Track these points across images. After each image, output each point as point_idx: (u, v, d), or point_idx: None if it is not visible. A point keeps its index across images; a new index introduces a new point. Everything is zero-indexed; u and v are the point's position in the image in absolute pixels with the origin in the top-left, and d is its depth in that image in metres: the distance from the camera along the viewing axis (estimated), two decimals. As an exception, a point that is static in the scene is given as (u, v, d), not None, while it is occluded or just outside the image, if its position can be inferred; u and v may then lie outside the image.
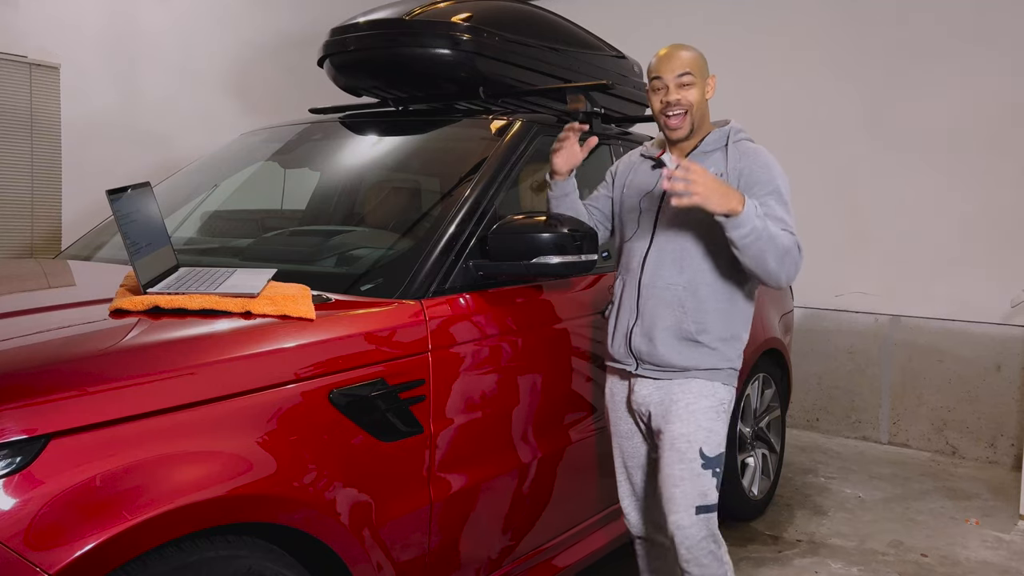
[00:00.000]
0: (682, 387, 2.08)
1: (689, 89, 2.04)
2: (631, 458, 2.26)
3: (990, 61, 4.59)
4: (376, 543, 1.76)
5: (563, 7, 3.96)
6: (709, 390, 2.08)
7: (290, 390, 1.63)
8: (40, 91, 3.98)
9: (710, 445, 2.06)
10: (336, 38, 2.88)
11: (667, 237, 2.08)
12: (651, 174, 2.17)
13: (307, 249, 2.50)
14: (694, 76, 2.04)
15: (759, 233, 1.87)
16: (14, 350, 1.45)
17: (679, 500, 2.04)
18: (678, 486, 2.04)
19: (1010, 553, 3.38)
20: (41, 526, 1.24)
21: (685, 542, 2.04)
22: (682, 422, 2.06)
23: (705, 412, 2.07)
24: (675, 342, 2.06)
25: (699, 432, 2.06)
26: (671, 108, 2.05)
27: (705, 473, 2.05)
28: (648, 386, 2.13)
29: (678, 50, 2.07)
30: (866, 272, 5.04)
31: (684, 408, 2.06)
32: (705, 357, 2.07)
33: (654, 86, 2.08)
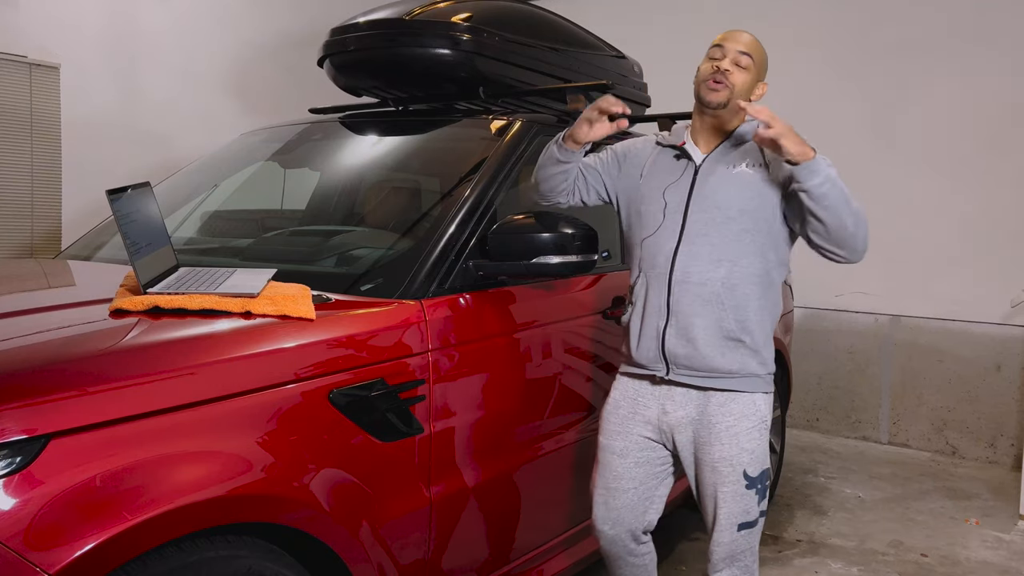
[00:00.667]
0: (722, 407, 1.96)
1: (743, 72, 1.94)
2: (616, 479, 2.08)
3: (990, 61, 4.59)
4: (376, 543, 1.76)
5: (563, 7, 3.96)
6: (751, 408, 1.97)
7: (290, 390, 1.63)
8: (40, 91, 3.97)
9: (753, 465, 1.97)
10: (336, 38, 2.88)
11: (699, 231, 1.95)
12: (675, 165, 2.03)
13: (307, 249, 2.50)
14: (752, 62, 1.95)
15: (834, 182, 1.80)
16: (14, 350, 1.45)
17: (722, 521, 1.98)
18: (721, 508, 1.98)
19: (1010, 553, 3.38)
20: (41, 526, 1.24)
21: (723, 555, 2.00)
22: (723, 445, 1.96)
23: (748, 433, 1.96)
24: (717, 341, 1.94)
25: (742, 455, 1.96)
26: (719, 76, 1.92)
27: (748, 493, 1.97)
28: (684, 404, 2.00)
29: (748, 34, 1.99)
30: (866, 272, 5.02)
31: (725, 431, 1.95)
32: (748, 360, 1.96)
33: (712, 54, 1.96)
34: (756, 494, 1.98)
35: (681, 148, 2.04)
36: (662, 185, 2.03)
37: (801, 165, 1.78)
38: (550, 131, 2.63)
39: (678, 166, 2.04)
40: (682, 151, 2.04)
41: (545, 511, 2.38)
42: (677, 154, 2.05)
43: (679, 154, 2.05)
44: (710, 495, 2.00)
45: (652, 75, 3.82)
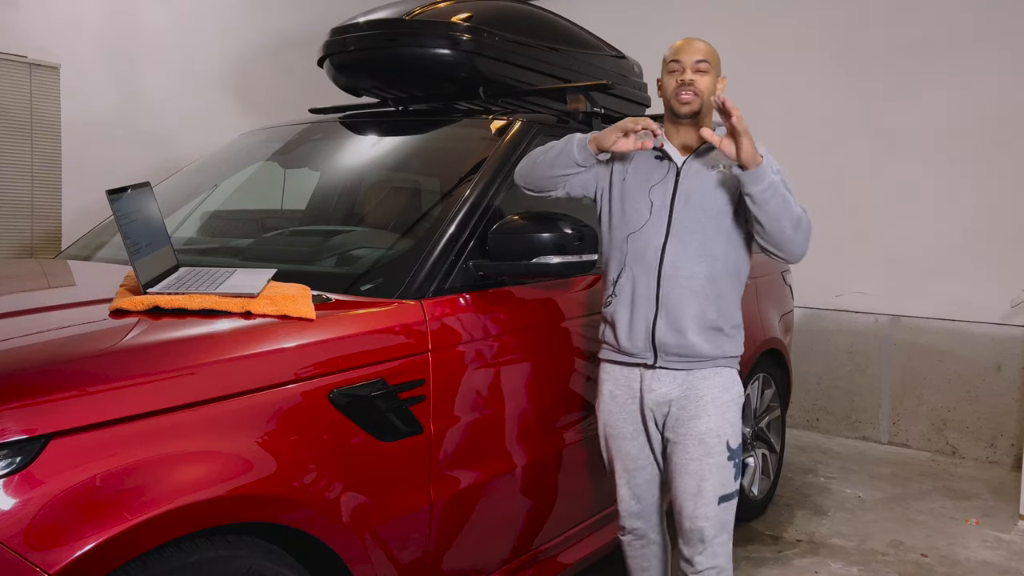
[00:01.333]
0: (706, 381, 2.10)
1: (704, 76, 2.08)
2: (633, 460, 2.20)
3: (990, 61, 4.59)
4: (376, 543, 1.76)
5: (563, 7, 3.96)
6: (731, 383, 2.13)
7: (290, 390, 1.63)
8: (40, 91, 3.97)
9: (735, 437, 2.12)
10: (336, 38, 2.88)
11: (686, 229, 2.07)
12: (657, 166, 2.13)
13: (307, 249, 2.50)
14: (710, 65, 2.08)
15: (776, 189, 1.95)
16: (14, 350, 1.45)
17: (707, 493, 2.07)
18: (706, 480, 2.07)
19: (1010, 553, 3.38)
20: (41, 526, 1.24)
21: (708, 530, 2.08)
22: (710, 417, 2.08)
23: (729, 406, 2.11)
24: (703, 330, 2.07)
25: (726, 426, 2.10)
26: (685, 87, 2.06)
27: (729, 464, 2.10)
28: (667, 382, 2.11)
29: (696, 40, 2.12)
30: (866, 272, 5.04)
31: (711, 403, 2.08)
32: (727, 344, 2.12)
33: (670, 68, 2.11)
34: (734, 467, 2.11)
35: (661, 150, 2.15)
36: (647, 184, 2.13)
37: (749, 170, 1.94)
38: (550, 131, 2.64)
39: (661, 167, 2.14)
40: (663, 152, 2.14)
41: (545, 511, 2.38)
42: (658, 155, 2.15)
43: (660, 155, 2.15)
44: (693, 470, 2.08)
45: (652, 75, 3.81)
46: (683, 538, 2.12)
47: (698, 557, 2.09)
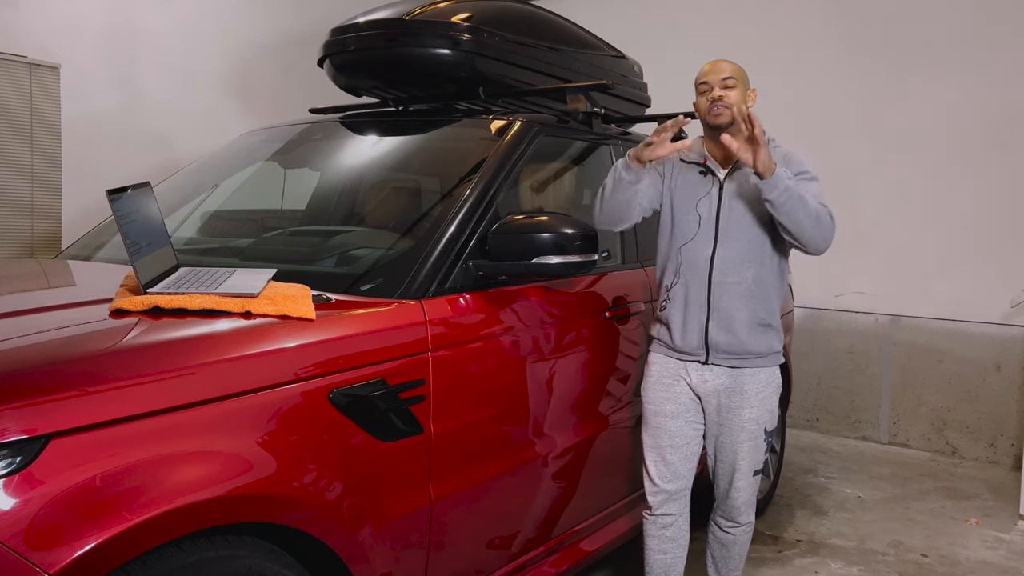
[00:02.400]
0: (753, 376, 2.35)
1: (731, 90, 2.28)
2: (671, 437, 2.40)
3: (991, 61, 4.59)
4: (376, 543, 1.76)
5: (563, 7, 3.96)
6: (774, 376, 2.40)
7: (290, 390, 1.63)
8: (40, 91, 3.97)
9: (772, 422, 2.41)
10: (336, 38, 2.88)
11: (732, 237, 2.29)
12: (702, 180, 2.35)
13: (307, 249, 2.50)
14: (736, 80, 2.30)
15: (791, 192, 2.14)
16: (14, 350, 1.45)
17: (744, 469, 2.39)
18: (745, 459, 2.38)
19: (1010, 553, 3.38)
20: (41, 526, 1.24)
21: (743, 498, 2.43)
22: (752, 408, 2.35)
23: (771, 397, 2.39)
24: (753, 329, 2.32)
25: (765, 415, 2.37)
26: (716, 103, 2.27)
27: (763, 445, 2.41)
28: (720, 375, 2.35)
29: (722, 60, 2.35)
30: (866, 272, 5.04)
31: (755, 396, 2.35)
32: (773, 340, 2.37)
33: (701, 89, 2.31)
34: (766, 443, 2.43)
35: (705, 165, 2.36)
36: (694, 198, 2.35)
37: (765, 179, 2.14)
38: (550, 131, 2.64)
39: (705, 181, 2.36)
40: (706, 167, 2.36)
41: (545, 510, 2.38)
42: (702, 171, 2.37)
43: (704, 171, 2.36)
44: (733, 451, 2.39)
45: (652, 75, 3.82)
46: (723, 503, 2.47)
47: (739, 517, 2.46)
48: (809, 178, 2.31)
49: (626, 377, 2.72)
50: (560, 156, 2.89)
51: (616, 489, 2.74)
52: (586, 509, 2.59)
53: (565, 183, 2.99)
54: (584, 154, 2.96)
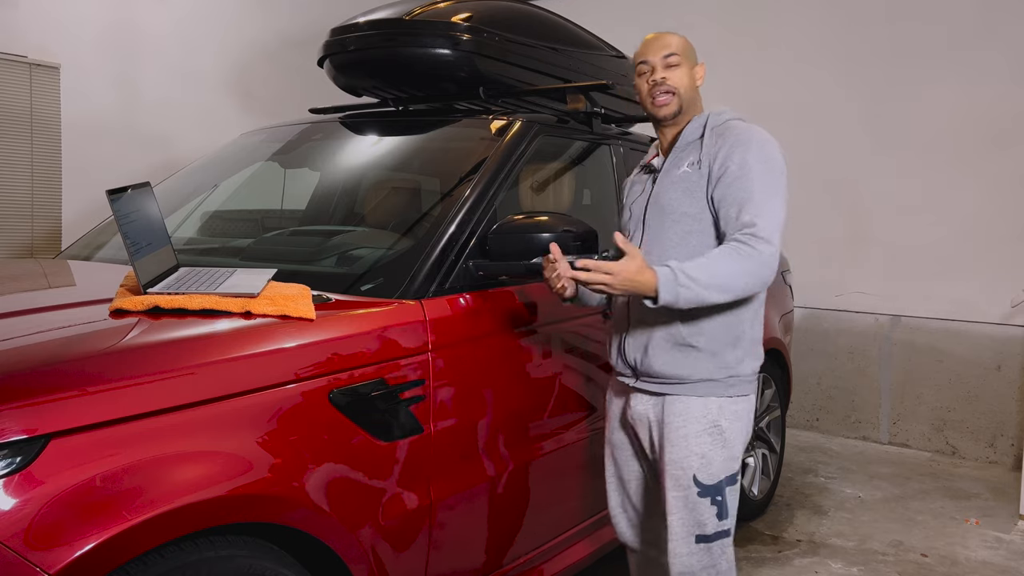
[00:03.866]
0: (672, 407, 1.95)
1: (675, 70, 1.95)
2: (623, 469, 2.16)
3: (990, 61, 4.59)
4: (375, 543, 1.76)
5: (563, 7, 3.96)
6: (700, 411, 1.92)
7: (290, 390, 1.63)
8: (40, 91, 3.98)
9: (705, 472, 1.91)
10: (336, 38, 2.88)
11: (652, 238, 1.97)
12: (645, 179, 2.09)
13: (307, 249, 2.50)
14: (680, 57, 1.95)
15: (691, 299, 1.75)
16: (14, 350, 1.45)
17: (675, 528, 1.93)
18: (673, 514, 1.94)
19: (1010, 553, 3.38)
20: (41, 526, 1.24)
21: (683, 571, 1.93)
22: (673, 447, 1.93)
23: (697, 437, 1.92)
24: (668, 348, 1.93)
25: (690, 458, 1.92)
26: (657, 88, 1.95)
27: (702, 502, 1.91)
28: (644, 401, 2.01)
29: (664, 34, 2.00)
30: (866, 272, 5.04)
31: (675, 432, 1.93)
32: (700, 364, 1.92)
33: (640, 70, 1.99)
34: (712, 505, 1.90)
35: (649, 164, 2.10)
36: (632, 200, 2.11)
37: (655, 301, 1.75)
38: (550, 131, 2.64)
39: (645, 179, 2.10)
40: (649, 166, 2.10)
41: (545, 511, 2.38)
42: (648, 168, 2.11)
43: (648, 169, 2.11)
44: (664, 501, 1.97)
45: (652, 75, 3.81)
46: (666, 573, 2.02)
47: None
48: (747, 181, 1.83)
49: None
50: (560, 156, 2.89)
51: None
52: (590, 506, 2.59)
53: (565, 183, 2.99)
54: (584, 154, 2.96)
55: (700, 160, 1.93)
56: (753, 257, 1.77)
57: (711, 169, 1.91)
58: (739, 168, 1.86)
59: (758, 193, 1.83)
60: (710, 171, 1.91)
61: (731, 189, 1.86)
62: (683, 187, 1.94)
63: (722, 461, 1.93)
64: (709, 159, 1.92)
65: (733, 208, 1.84)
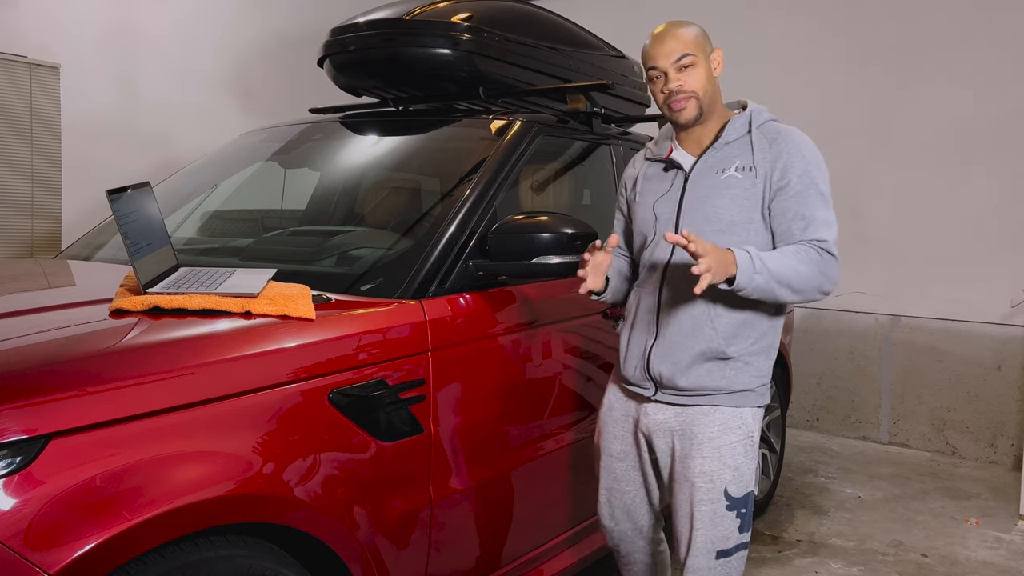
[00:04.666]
0: (706, 416, 1.85)
1: (690, 71, 1.83)
2: (618, 481, 2.05)
3: (991, 61, 4.59)
4: (375, 543, 1.76)
5: (563, 7, 3.96)
6: (737, 421, 1.85)
7: (290, 390, 1.63)
8: (40, 91, 3.98)
9: (737, 485, 1.84)
10: (336, 38, 2.88)
11: None
12: (664, 176, 1.95)
13: (307, 249, 2.50)
14: (695, 56, 1.83)
15: (762, 287, 1.71)
16: (14, 350, 1.45)
17: (698, 544, 1.85)
18: (698, 529, 1.84)
19: (1010, 553, 3.38)
20: (41, 526, 1.24)
21: None
22: (705, 459, 1.83)
23: (732, 448, 1.84)
24: (702, 363, 1.84)
25: (725, 471, 1.83)
26: (674, 96, 1.84)
27: (729, 515, 1.84)
28: (665, 410, 1.91)
29: (672, 29, 1.87)
30: (866, 272, 5.04)
31: (708, 443, 1.84)
32: (738, 375, 1.85)
33: (651, 75, 1.88)
34: (737, 518, 1.85)
35: (669, 158, 1.95)
36: (652, 198, 1.95)
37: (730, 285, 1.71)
38: (550, 131, 2.64)
39: (667, 176, 1.95)
40: (670, 160, 1.95)
41: (545, 511, 2.38)
42: (666, 165, 1.97)
43: (667, 165, 1.97)
44: (686, 514, 1.87)
45: (652, 75, 3.81)
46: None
47: None
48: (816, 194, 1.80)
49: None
50: (560, 156, 2.89)
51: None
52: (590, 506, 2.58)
53: (565, 183, 2.99)
54: (584, 154, 2.96)
55: (754, 166, 1.83)
56: (824, 265, 1.78)
57: (769, 178, 1.83)
58: (801, 181, 1.81)
59: (822, 209, 1.82)
60: (768, 180, 1.83)
61: (794, 203, 1.81)
62: (732, 194, 1.84)
63: (750, 472, 1.88)
64: (766, 167, 1.83)
65: (798, 222, 1.80)
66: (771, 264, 1.72)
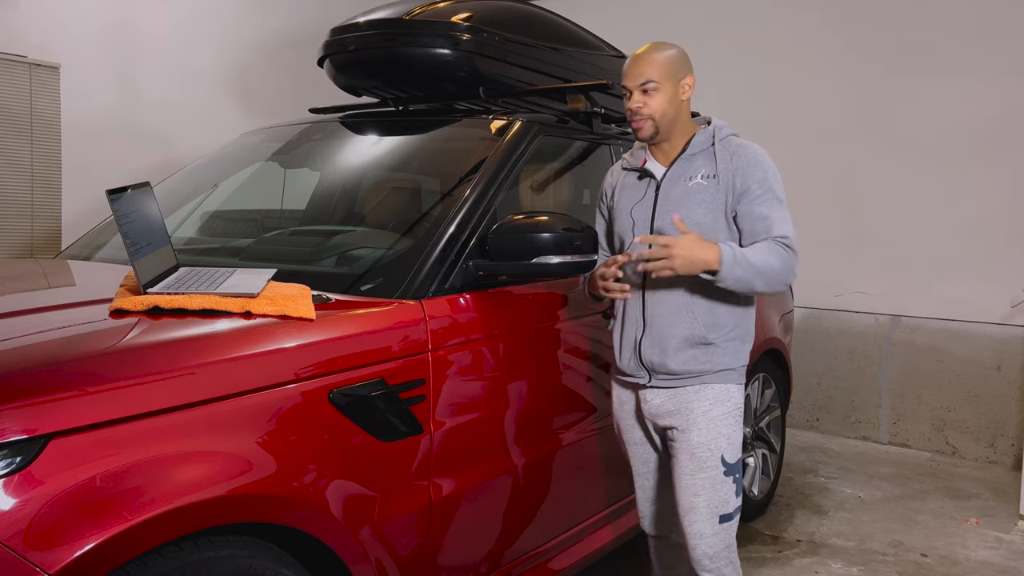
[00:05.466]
0: (697, 394, 2.06)
1: (652, 95, 2.03)
2: (643, 463, 2.26)
3: (991, 61, 4.59)
4: (376, 543, 1.76)
5: (563, 7, 3.96)
6: (724, 395, 2.07)
7: (290, 390, 1.63)
8: (40, 91, 3.98)
9: (731, 452, 2.06)
10: (336, 38, 2.88)
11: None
12: (639, 184, 2.15)
13: (307, 249, 2.50)
14: (658, 82, 2.02)
15: (742, 278, 1.93)
16: (14, 350, 1.45)
17: (701, 510, 2.04)
18: (699, 495, 2.04)
19: (1010, 553, 3.38)
20: (41, 526, 1.24)
21: (708, 551, 2.05)
22: (700, 430, 2.05)
23: (724, 418, 2.06)
24: (687, 348, 2.05)
25: (719, 439, 2.05)
26: (634, 115, 2.05)
27: (727, 480, 2.05)
28: (661, 395, 2.11)
29: (646, 55, 2.05)
30: (866, 272, 5.04)
31: (702, 416, 2.05)
32: (719, 357, 2.06)
33: (622, 90, 2.09)
34: (733, 483, 2.07)
35: (643, 168, 2.15)
36: (629, 205, 2.15)
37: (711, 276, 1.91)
38: (550, 131, 2.64)
39: (642, 185, 2.15)
40: (644, 170, 2.15)
41: (546, 510, 2.38)
42: (639, 174, 2.16)
43: (640, 174, 2.16)
44: (688, 484, 2.06)
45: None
46: (689, 555, 2.09)
47: (703, 573, 2.07)
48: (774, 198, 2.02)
49: (626, 377, 2.72)
50: (560, 156, 2.89)
51: (622, 485, 2.74)
52: (591, 506, 2.59)
53: (565, 183, 2.99)
54: (584, 154, 2.96)
55: (717, 174, 2.04)
56: (789, 260, 1.99)
57: (732, 185, 2.03)
58: (760, 187, 2.02)
59: (781, 210, 2.03)
60: (731, 186, 2.04)
61: (756, 206, 2.02)
62: (699, 199, 2.04)
63: (739, 442, 2.11)
64: (728, 176, 2.04)
65: (762, 223, 2.01)
66: (751, 258, 1.94)
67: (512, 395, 2.22)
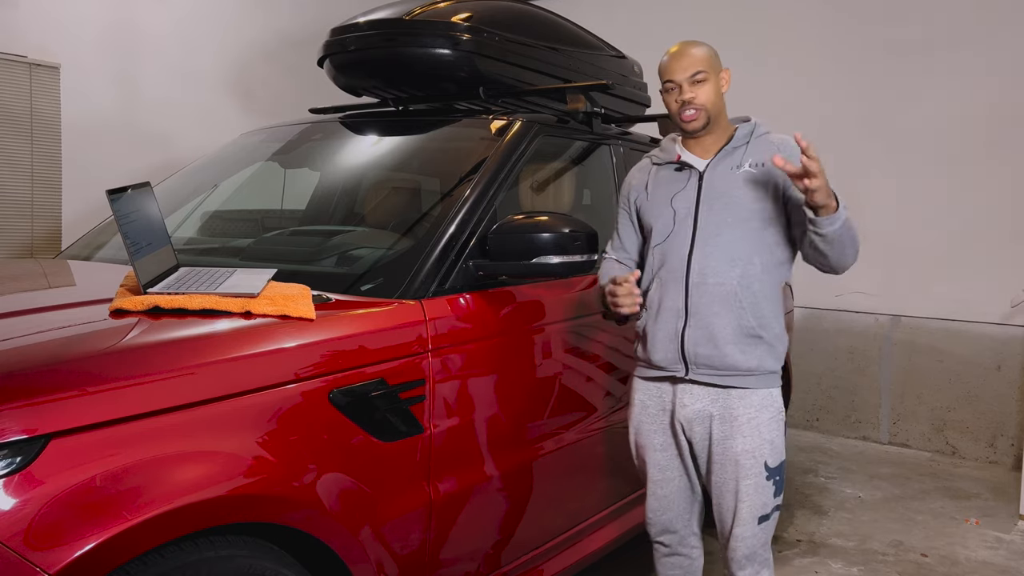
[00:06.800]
0: (743, 400, 2.03)
1: (702, 86, 2.03)
2: (660, 471, 2.17)
3: (990, 61, 4.59)
4: (376, 542, 1.76)
5: (563, 7, 3.96)
6: (769, 400, 2.05)
7: (290, 390, 1.63)
8: (40, 91, 3.98)
9: (773, 456, 2.05)
10: (336, 38, 2.88)
11: (712, 233, 2.03)
12: (678, 176, 2.11)
13: (307, 249, 2.50)
14: (707, 73, 2.02)
15: (848, 227, 1.91)
16: (14, 350, 1.45)
17: (744, 514, 2.04)
18: (744, 501, 2.03)
19: (1010, 553, 3.38)
20: (41, 526, 1.24)
21: (747, 552, 2.06)
22: (746, 438, 2.02)
23: (768, 424, 2.04)
24: (738, 339, 2.00)
25: (764, 446, 2.03)
26: (686, 107, 2.03)
27: (768, 484, 2.04)
28: (702, 398, 2.06)
29: (688, 48, 2.05)
30: (866, 272, 5.03)
31: (747, 423, 2.02)
32: (767, 356, 2.04)
33: (667, 88, 2.06)
34: (773, 486, 2.06)
35: (680, 161, 2.12)
36: (668, 195, 2.11)
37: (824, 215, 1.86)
38: (550, 131, 2.64)
39: (681, 176, 2.11)
40: (682, 163, 2.12)
41: (545, 510, 2.38)
42: (677, 167, 2.13)
43: (679, 166, 2.12)
44: (730, 490, 2.05)
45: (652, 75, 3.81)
46: (727, 554, 2.10)
47: (740, 572, 2.09)
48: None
49: (626, 376, 2.72)
50: (560, 156, 2.89)
51: (622, 486, 2.74)
52: (590, 506, 2.59)
53: (565, 183, 2.99)
54: (584, 154, 2.96)
55: (765, 163, 2.03)
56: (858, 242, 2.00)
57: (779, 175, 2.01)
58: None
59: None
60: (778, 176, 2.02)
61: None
62: (750, 184, 2.03)
63: (782, 443, 2.10)
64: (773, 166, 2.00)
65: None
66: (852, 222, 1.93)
67: (512, 395, 2.22)
